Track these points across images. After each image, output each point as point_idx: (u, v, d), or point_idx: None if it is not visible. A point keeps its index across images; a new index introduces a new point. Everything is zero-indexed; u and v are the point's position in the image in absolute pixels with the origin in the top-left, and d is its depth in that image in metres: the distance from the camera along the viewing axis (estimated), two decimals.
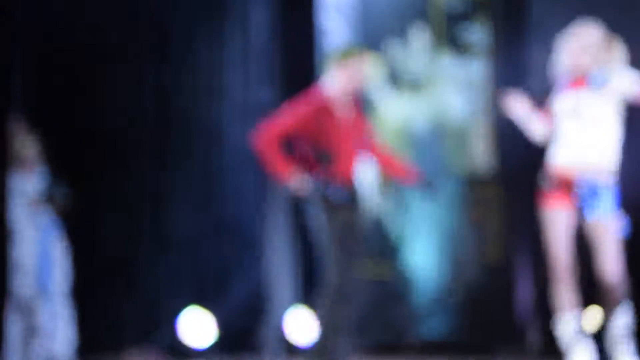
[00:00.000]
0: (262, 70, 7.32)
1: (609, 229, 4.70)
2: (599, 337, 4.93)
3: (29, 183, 6.86)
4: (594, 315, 5.14)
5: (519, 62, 6.86)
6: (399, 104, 7.19)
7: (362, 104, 5.48)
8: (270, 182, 7.38)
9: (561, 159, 4.75)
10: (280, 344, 7.22)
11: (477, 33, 7.02)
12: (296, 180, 5.06)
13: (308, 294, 7.85)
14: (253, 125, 7.15)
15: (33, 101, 7.30)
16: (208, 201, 7.34)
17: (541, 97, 6.09)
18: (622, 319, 4.73)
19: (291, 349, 7.06)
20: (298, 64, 7.80)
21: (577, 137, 4.70)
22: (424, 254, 7.26)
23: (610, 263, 4.73)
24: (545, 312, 6.70)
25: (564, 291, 4.82)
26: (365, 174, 6.96)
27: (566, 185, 4.73)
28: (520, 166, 6.87)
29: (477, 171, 7.38)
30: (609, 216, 4.69)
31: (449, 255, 7.30)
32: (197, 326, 7.03)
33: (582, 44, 4.69)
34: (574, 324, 4.80)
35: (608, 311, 4.77)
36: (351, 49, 5.42)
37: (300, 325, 7.10)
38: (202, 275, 7.35)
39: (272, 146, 5.11)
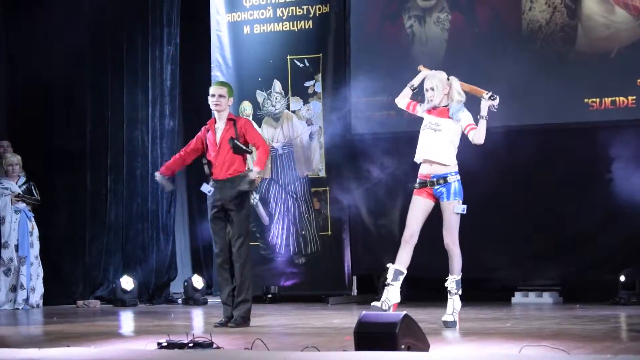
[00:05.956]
0: (170, 106, 8.46)
1: (451, 209, 5.53)
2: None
3: (13, 186, 8.13)
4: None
5: (340, 102, 8.05)
6: (265, 131, 8.26)
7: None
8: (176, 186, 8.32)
9: (423, 167, 5.66)
10: (184, 296, 8.35)
11: (315, 85, 8.12)
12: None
13: (200, 263, 9.10)
14: (164, 145, 8.39)
15: (15, 130, 8.64)
16: (133, 198, 8.49)
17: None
18: (454, 275, 5.56)
19: (191, 300, 8.13)
20: (195, 104, 8.93)
21: (433, 148, 5.60)
22: (281, 230, 8.21)
23: (449, 231, 5.52)
24: (359, 268, 8.00)
25: (404, 251, 5.56)
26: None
27: (427, 183, 5.64)
28: (340, 171, 8.07)
29: (316, 174, 8.15)
30: (452, 200, 5.58)
31: (297, 231, 8.25)
32: (125, 285, 8.10)
33: (432, 83, 5.66)
34: (396, 273, 5.62)
35: (450, 267, 5.58)
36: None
37: (197, 283, 8.20)
38: (129, 249, 8.48)
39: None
